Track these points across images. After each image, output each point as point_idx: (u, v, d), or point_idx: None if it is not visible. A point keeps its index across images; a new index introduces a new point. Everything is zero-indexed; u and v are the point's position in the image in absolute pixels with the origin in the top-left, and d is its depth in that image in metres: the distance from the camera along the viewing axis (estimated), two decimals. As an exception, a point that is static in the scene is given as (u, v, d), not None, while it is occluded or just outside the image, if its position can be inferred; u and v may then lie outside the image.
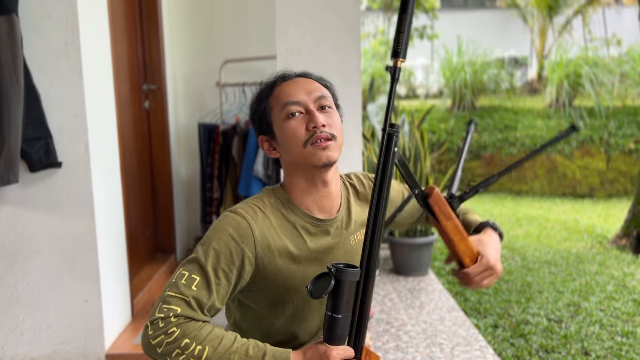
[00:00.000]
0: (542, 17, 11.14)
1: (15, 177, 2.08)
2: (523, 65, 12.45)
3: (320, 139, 1.13)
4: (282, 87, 1.19)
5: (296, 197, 1.19)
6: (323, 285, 1.03)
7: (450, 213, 1.19)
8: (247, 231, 1.11)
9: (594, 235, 5.32)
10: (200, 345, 1.02)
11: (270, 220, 1.15)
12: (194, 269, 1.08)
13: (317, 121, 1.13)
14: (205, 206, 3.60)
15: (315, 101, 1.17)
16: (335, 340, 1.05)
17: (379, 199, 1.06)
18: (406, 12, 1.02)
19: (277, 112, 1.18)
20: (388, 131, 1.05)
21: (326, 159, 1.13)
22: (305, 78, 1.22)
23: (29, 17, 2.15)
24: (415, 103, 9.79)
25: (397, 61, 1.04)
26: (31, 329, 2.32)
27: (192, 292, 1.05)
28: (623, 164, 7.74)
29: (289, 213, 1.18)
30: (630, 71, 8.92)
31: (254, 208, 1.15)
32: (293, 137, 1.15)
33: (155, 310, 1.04)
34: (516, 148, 8.07)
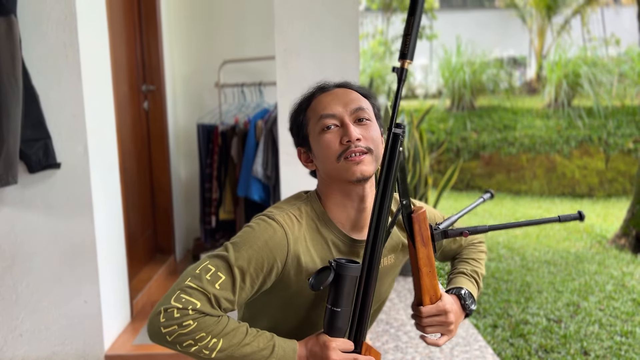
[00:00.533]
0: (540, 17, 11.15)
1: (14, 178, 2.08)
2: (522, 65, 12.46)
3: (354, 153, 1.11)
4: (320, 99, 1.18)
5: (331, 210, 1.17)
6: (323, 277, 1.04)
7: (429, 240, 1.15)
8: (282, 242, 1.09)
9: (593, 235, 5.32)
10: (215, 338, 1.01)
11: (304, 231, 1.14)
12: (222, 267, 1.05)
13: (351, 135, 1.11)
14: (205, 207, 3.60)
15: (352, 113, 1.14)
16: (335, 333, 1.07)
17: (382, 197, 1.06)
18: (414, 15, 1.02)
19: (313, 124, 1.16)
20: (394, 131, 1.06)
21: (360, 174, 1.11)
22: (345, 89, 1.19)
23: (27, 18, 2.15)
24: (414, 103, 9.80)
25: (405, 62, 1.04)
26: (30, 330, 2.32)
27: (215, 290, 1.03)
28: (622, 164, 7.75)
29: (323, 227, 1.16)
30: (629, 71, 8.93)
31: (291, 217, 1.13)
32: (327, 150, 1.13)
33: (171, 298, 1.01)
34: (515, 148, 8.08)
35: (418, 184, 3.98)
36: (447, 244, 1.37)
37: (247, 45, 3.86)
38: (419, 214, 1.13)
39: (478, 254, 1.40)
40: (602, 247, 4.86)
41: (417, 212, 1.13)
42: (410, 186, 3.88)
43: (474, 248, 1.41)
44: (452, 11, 15.29)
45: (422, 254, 1.14)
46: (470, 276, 1.32)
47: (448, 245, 1.38)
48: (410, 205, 1.13)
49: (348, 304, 1.06)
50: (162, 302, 1.02)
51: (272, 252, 1.08)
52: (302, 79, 2.54)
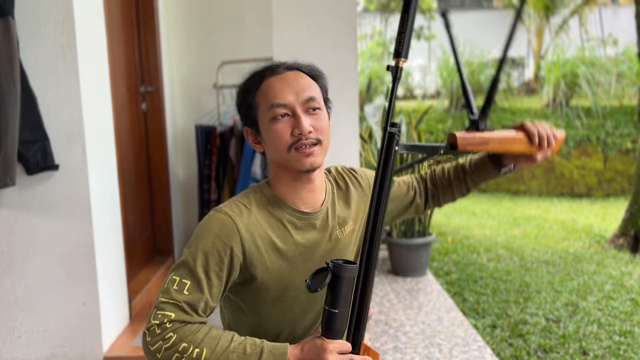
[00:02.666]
0: (538, 17, 11.17)
1: (12, 180, 2.08)
2: (520, 66, 12.48)
3: (304, 145, 1.12)
4: (270, 83, 1.16)
5: (282, 192, 1.19)
6: (320, 279, 1.04)
7: (484, 137, 1.23)
8: (232, 229, 1.10)
9: (591, 235, 5.33)
10: (197, 347, 1.02)
11: (256, 216, 1.15)
12: (184, 273, 1.08)
13: (303, 128, 1.11)
14: (203, 208, 3.60)
15: (304, 103, 1.14)
16: (333, 335, 1.06)
17: (379, 197, 1.07)
18: (408, 13, 1.02)
19: (264, 111, 1.15)
20: (389, 130, 1.06)
21: (310, 165, 1.13)
22: (295, 72, 1.18)
23: (25, 20, 2.15)
24: (412, 104, 9.80)
25: (399, 61, 1.05)
26: (29, 332, 2.32)
27: (184, 296, 1.05)
28: (620, 164, 7.76)
29: (275, 209, 1.18)
30: (627, 71, 8.94)
31: (239, 205, 1.15)
32: (278, 140, 1.14)
33: (150, 317, 1.05)
34: (514, 148, 8.07)
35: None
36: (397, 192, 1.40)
37: (245, 46, 3.86)
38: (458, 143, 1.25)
39: None
40: (600, 247, 4.87)
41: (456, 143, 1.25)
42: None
43: None
44: (451, 11, 15.29)
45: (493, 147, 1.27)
46: None
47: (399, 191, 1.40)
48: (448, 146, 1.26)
49: (346, 305, 1.06)
50: (145, 325, 1.05)
51: (225, 242, 1.10)
52: (300, 80, 2.54)
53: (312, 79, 1.20)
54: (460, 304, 3.45)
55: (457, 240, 5.19)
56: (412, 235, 3.76)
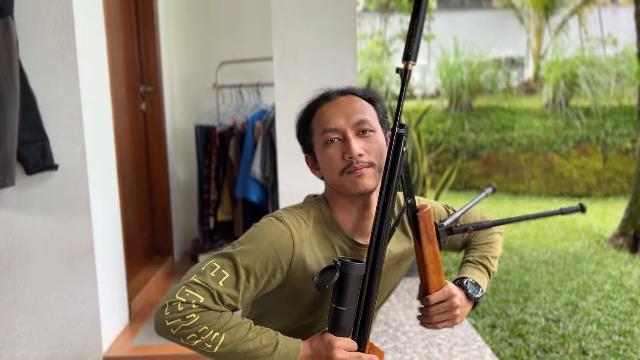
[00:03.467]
0: (538, 17, 11.16)
1: (11, 180, 2.08)
2: (520, 66, 12.48)
3: (356, 169, 1.12)
4: (324, 110, 1.18)
5: (338, 215, 1.19)
6: (328, 277, 1.05)
7: (434, 238, 1.16)
8: (288, 243, 1.11)
9: (591, 235, 5.33)
10: (217, 332, 1.03)
11: (311, 234, 1.16)
12: (227, 265, 1.07)
13: (352, 152, 1.12)
14: (203, 208, 3.60)
15: (355, 126, 1.15)
16: (339, 332, 1.08)
17: (386, 196, 1.07)
18: (418, 17, 1.04)
19: (318, 137, 1.18)
20: (397, 131, 1.07)
21: (362, 187, 1.13)
22: (349, 96, 1.19)
23: (24, 20, 2.15)
24: (412, 103, 9.80)
25: (408, 64, 1.06)
26: (28, 332, 2.31)
27: (219, 286, 1.05)
28: (620, 164, 7.76)
29: (329, 231, 1.18)
30: (627, 71, 8.94)
31: (298, 219, 1.15)
32: (330, 164, 1.15)
33: (176, 292, 1.04)
34: (513, 148, 8.08)
35: (416, 184, 3.99)
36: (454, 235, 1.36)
37: (245, 46, 3.86)
38: (424, 212, 1.14)
39: (489, 237, 1.39)
40: (600, 247, 4.87)
41: (422, 210, 1.14)
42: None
43: (486, 232, 1.40)
44: (450, 11, 15.30)
45: (428, 251, 1.15)
46: (477, 263, 1.32)
47: (455, 237, 1.39)
48: (415, 204, 1.15)
49: (352, 303, 1.07)
50: (168, 297, 1.04)
51: (278, 253, 1.10)
52: (299, 80, 2.54)
53: (367, 102, 1.20)
54: (459, 304, 3.45)
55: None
56: (412, 235, 3.76)
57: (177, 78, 3.93)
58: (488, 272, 1.32)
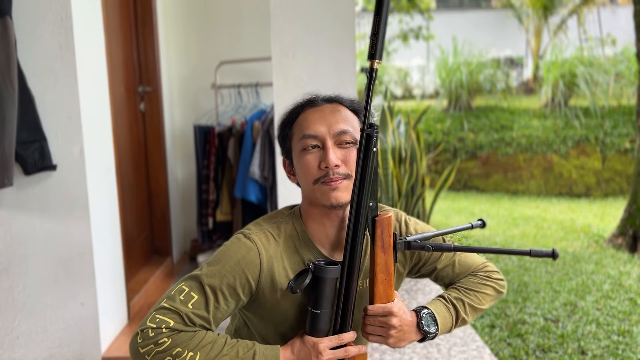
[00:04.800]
0: (537, 17, 11.17)
1: (9, 181, 2.07)
2: (519, 66, 12.48)
3: (331, 181, 1.10)
4: (306, 115, 1.16)
5: (311, 227, 1.17)
6: (301, 280, 1.05)
7: (390, 248, 1.10)
8: (254, 261, 1.10)
9: (590, 235, 5.33)
10: (192, 352, 1.02)
11: (281, 250, 1.14)
12: (195, 287, 1.07)
13: (329, 162, 1.09)
14: (202, 208, 3.59)
15: (335, 136, 1.12)
16: (317, 334, 1.08)
17: (359, 199, 1.05)
18: (380, 14, 1.01)
19: (297, 141, 1.15)
20: (367, 131, 1.04)
21: (334, 200, 1.10)
22: (334, 105, 1.17)
23: (23, 20, 2.15)
24: (411, 104, 9.80)
25: (374, 62, 1.03)
26: (27, 333, 2.31)
27: (188, 309, 1.05)
28: (619, 164, 7.76)
29: (302, 247, 1.16)
30: (626, 71, 8.94)
31: (267, 236, 1.14)
32: (306, 171, 1.12)
33: (147, 319, 1.05)
34: (512, 148, 8.09)
35: (415, 184, 3.98)
36: (444, 266, 1.28)
37: (244, 46, 3.86)
38: (383, 218, 1.09)
39: (479, 286, 1.26)
40: (599, 247, 4.87)
41: (382, 216, 1.09)
42: (407, 187, 3.88)
43: (478, 279, 1.28)
44: (449, 11, 15.31)
45: (380, 259, 1.10)
46: (450, 302, 1.23)
47: (445, 269, 1.29)
48: (377, 209, 1.09)
49: (328, 306, 1.07)
50: (140, 325, 1.05)
51: (244, 272, 1.09)
52: (298, 80, 2.54)
53: (353, 112, 1.17)
54: (459, 304, 3.45)
55: (456, 240, 5.18)
56: (411, 235, 3.75)
57: (175, 78, 3.92)
58: (457, 317, 1.22)
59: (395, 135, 4.00)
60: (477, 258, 1.31)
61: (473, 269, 1.29)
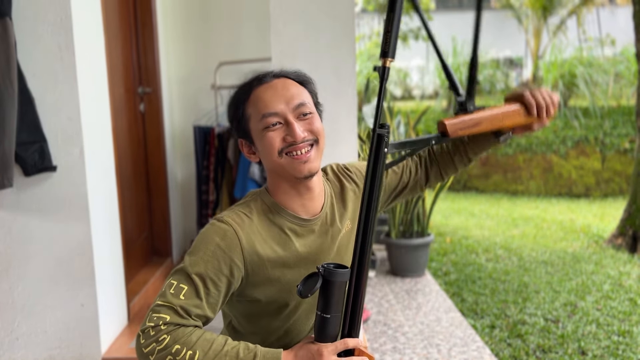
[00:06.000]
0: (536, 17, 11.18)
1: (9, 182, 2.07)
2: (518, 66, 12.50)
3: (298, 151, 1.12)
4: (259, 93, 1.15)
5: (281, 199, 1.18)
6: (311, 284, 1.03)
7: (474, 119, 1.21)
8: (233, 240, 1.10)
9: (590, 235, 5.33)
10: (190, 350, 1.02)
11: (257, 225, 1.15)
12: (182, 278, 1.08)
13: (296, 135, 1.11)
14: (202, 209, 3.59)
15: (294, 110, 1.13)
16: (326, 339, 1.06)
17: (369, 201, 1.05)
18: (394, 11, 1.00)
19: (255, 121, 1.15)
20: (378, 132, 1.04)
21: (308, 172, 1.13)
22: (283, 79, 1.17)
23: (22, 21, 2.15)
24: (410, 104, 9.80)
25: (386, 61, 1.03)
26: (27, 334, 2.31)
27: (180, 301, 1.05)
28: (618, 164, 7.77)
29: (276, 216, 1.17)
30: (625, 71, 8.95)
31: (239, 214, 1.15)
32: (269, 148, 1.13)
33: (145, 320, 1.05)
34: (512, 148, 8.09)
35: (415, 184, 3.98)
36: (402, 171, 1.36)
37: (243, 46, 3.86)
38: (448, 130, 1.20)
39: None
40: (599, 247, 4.87)
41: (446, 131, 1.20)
42: (407, 187, 3.87)
43: None
44: (448, 12, 15.32)
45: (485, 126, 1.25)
46: None
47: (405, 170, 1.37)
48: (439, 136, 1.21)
49: (338, 310, 1.05)
50: (141, 327, 1.06)
51: (226, 253, 1.09)
52: (298, 81, 2.54)
53: (300, 84, 1.18)
54: (459, 305, 3.45)
55: (456, 241, 5.19)
56: (411, 236, 3.76)
57: (175, 79, 3.92)
58: None
59: (395, 136, 4.00)
60: None
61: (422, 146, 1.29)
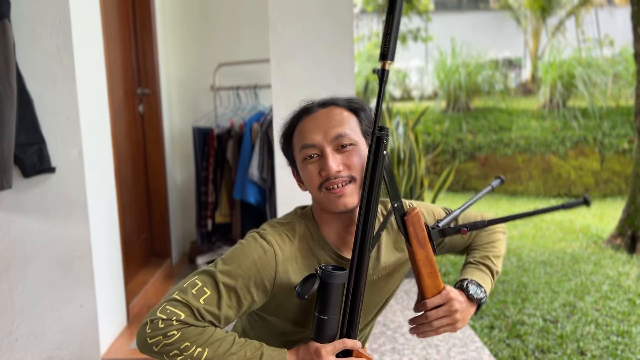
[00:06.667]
0: (535, 18, 11.19)
1: (8, 183, 2.07)
2: (517, 67, 12.51)
3: (335, 185, 1.09)
4: (303, 125, 1.14)
5: (324, 229, 1.16)
6: (309, 285, 1.03)
7: (426, 241, 1.11)
8: (271, 262, 1.09)
9: (589, 235, 5.34)
10: (200, 347, 1.02)
11: (296, 251, 1.13)
12: (208, 282, 1.06)
13: (329, 169, 1.08)
14: (201, 210, 3.59)
15: (333, 141, 1.10)
16: (324, 340, 1.06)
17: (368, 203, 1.05)
18: (393, 14, 0.99)
19: (297, 152, 1.15)
20: (377, 134, 1.04)
21: (343, 207, 1.10)
22: (329, 108, 1.15)
23: (21, 22, 2.15)
24: (409, 105, 9.81)
25: (385, 63, 1.02)
26: (26, 335, 2.31)
27: (200, 304, 1.04)
28: (617, 164, 7.77)
29: (316, 247, 1.15)
30: (623, 71, 8.96)
31: (283, 237, 1.13)
32: (309, 180, 1.13)
33: (157, 310, 1.03)
34: (511, 149, 8.10)
35: (414, 185, 3.99)
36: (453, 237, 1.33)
37: (242, 48, 3.86)
38: (412, 215, 1.09)
39: (491, 236, 1.34)
40: (597, 247, 4.88)
41: (410, 213, 1.09)
42: (406, 188, 3.88)
43: (485, 232, 1.35)
44: (447, 13, 15.33)
45: (420, 255, 1.11)
46: (479, 263, 1.28)
47: (455, 239, 1.34)
48: (403, 207, 1.10)
49: (335, 312, 1.05)
50: (150, 314, 1.04)
51: (260, 272, 1.08)
52: (297, 82, 2.54)
53: (351, 111, 1.15)
54: (458, 305, 3.45)
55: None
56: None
57: (174, 80, 3.93)
58: (491, 272, 1.27)
59: (394, 137, 4.01)
60: (473, 214, 1.35)
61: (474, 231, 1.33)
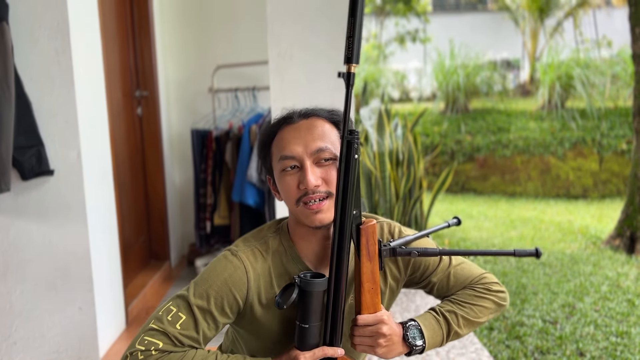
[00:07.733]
0: (533, 19, 11.22)
1: (7, 186, 2.07)
2: (515, 68, 12.52)
3: (312, 200, 1.07)
4: (283, 135, 1.11)
5: (298, 243, 1.15)
6: (288, 295, 1.03)
7: (375, 255, 1.08)
8: (242, 279, 1.09)
9: (587, 236, 5.34)
10: None
11: (269, 266, 1.12)
12: (183, 307, 1.06)
13: (307, 182, 1.05)
14: (199, 212, 3.59)
15: (313, 154, 1.08)
16: (307, 349, 1.06)
17: (342, 208, 1.03)
18: (355, 16, 0.98)
19: (276, 162, 1.12)
20: (347, 138, 1.01)
21: (319, 222, 1.08)
22: (310, 120, 1.11)
23: (19, 25, 2.15)
24: (408, 106, 9.82)
25: (351, 67, 0.99)
26: (24, 338, 2.31)
27: (176, 330, 1.04)
28: (616, 165, 7.78)
29: (289, 263, 1.14)
30: (622, 72, 8.97)
31: (255, 253, 1.12)
32: (287, 193, 1.10)
33: (135, 341, 1.03)
34: (509, 150, 8.10)
35: (413, 187, 3.99)
36: (439, 279, 1.23)
37: (241, 50, 3.86)
38: (368, 226, 1.06)
39: (475, 299, 1.21)
40: (596, 248, 4.88)
41: (366, 224, 1.06)
42: (405, 189, 3.88)
43: (475, 292, 1.23)
44: (446, 14, 15.35)
45: (366, 268, 1.07)
46: (441, 315, 1.19)
47: (440, 282, 1.24)
48: (360, 217, 1.07)
49: (316, 319, 1.05)
50: (129, 347, 1.04)
51: (231, 290, 1.08)
52: (295, 83, 2.55)
53: (332, 124, 1.13)
54: (457, 306, 3.45)
55: (454, 243, 5.20)
56: (409, 238, 3.75)
57: (172, 82, 3.93)
58: (448, 330, 1.18)
59: (393, 138, 4.01)
60: (475, 270, 1.26)
61: (470, 281, 1.24)
